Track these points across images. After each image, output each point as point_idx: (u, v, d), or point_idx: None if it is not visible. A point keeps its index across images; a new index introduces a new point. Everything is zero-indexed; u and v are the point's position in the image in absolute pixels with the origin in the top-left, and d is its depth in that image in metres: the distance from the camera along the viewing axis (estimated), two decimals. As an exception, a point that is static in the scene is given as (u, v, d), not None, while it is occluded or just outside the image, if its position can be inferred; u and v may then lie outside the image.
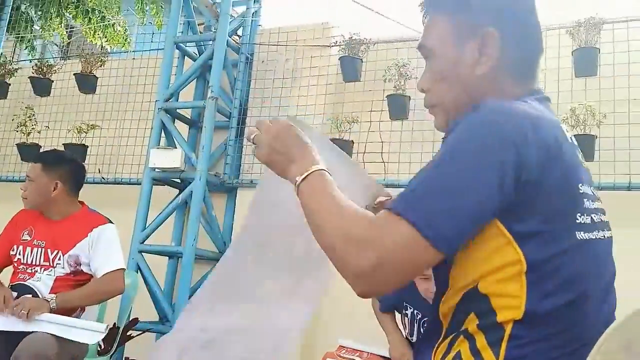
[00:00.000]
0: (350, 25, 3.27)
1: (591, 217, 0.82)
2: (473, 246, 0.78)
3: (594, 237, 0.81)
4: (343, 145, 2.88)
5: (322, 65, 3.30)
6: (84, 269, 2.16)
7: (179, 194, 3.23)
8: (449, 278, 0.83)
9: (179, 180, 3.34)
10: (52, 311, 1.98)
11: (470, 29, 0.87)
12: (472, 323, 0.79)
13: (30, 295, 2.09)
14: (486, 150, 0.74)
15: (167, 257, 3.42)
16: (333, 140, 2.46)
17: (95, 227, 2.20)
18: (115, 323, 2.72)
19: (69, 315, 2.11)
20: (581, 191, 0.81)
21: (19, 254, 2.20)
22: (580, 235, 0.79)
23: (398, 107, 2.99)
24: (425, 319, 1.94)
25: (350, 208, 0.79)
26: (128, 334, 2.80)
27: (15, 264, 2.21)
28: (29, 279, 2.15)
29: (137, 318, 2.84)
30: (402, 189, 0.78)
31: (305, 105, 3.24)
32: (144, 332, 3.00)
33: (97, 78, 3.72)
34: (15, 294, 2.09)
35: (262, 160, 0.93)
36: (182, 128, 3.48)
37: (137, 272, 3.01)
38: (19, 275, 2.18)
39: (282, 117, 2.24)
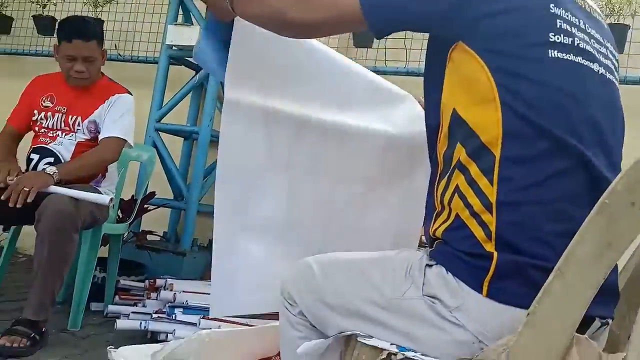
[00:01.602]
0: None
1: (572, 40, 0.83)
2: (450, 73, 0.84)
3: (576, 61, 0.82)
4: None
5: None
6: None
7: (196, 74, 3.19)
8: (440, 115, 0.86)
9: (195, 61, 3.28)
10: (56, 184, 1.98)
11: None
12: (462, 152, 0.82)
13: (52, 159, 2.15)
14: None
15: (183, 139, 3.45)
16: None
17: (113, 95, 2.23)
18: (133, 195, 2.82)
19: (87, 183, 2.18)
20: (552, 12, 0.82)
21: (41, 119, 2.24)
22: (554, 53, 0.81)
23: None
24: None
25: None
26: (145, 207, 2.91)
27: (37, 129, 2.25)
28: (51, 142, 2.20)
29: (154, 192, 2.93)
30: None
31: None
32: (159, 206, 3.11)
33: (114, -51, 3.55)
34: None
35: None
36: (201, 4, 3.35)
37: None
38: (41, 138, 2.23)
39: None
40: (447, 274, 0.78)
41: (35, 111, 2.24)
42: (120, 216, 2.70)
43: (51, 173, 1.99)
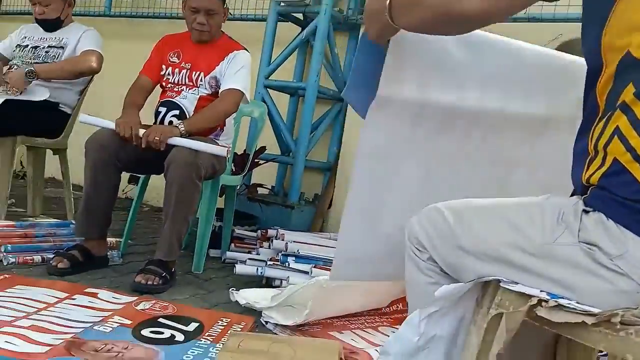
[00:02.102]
0: None
1: None
2: (621, 11, 0.76)
3: None
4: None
5: None
6: None
7: (302, 30, 3.21)
8: (602, 56, 0.79)
9: (301, 18, 3.30)
10: (182, 136, 2.11)
11: None
12: (629, 93, 0.75)
13: (177, 112, 2.29)
14: None
15: (289, 95, 3.52)
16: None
17: (232, 52, 2.34)
18: (245, 150, 2.94)
19: (207, 135, 2.31)
20: None
21: (168, 74, 2.39)
22: None
23: None
24: None
25: None
26: (256, 161, 3.03)
27: (164, 84, 2.40)
28: (177, 96, 2.34)
29: (265, 147, 3.04)
30: None
31: None
32: (268, 161, 3.22)
33: None
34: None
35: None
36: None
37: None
38: (168, 93, 2.38)
39: None
40: (608, 220, 0.74)
41: (164, 66, 2.39)
42: (234, 170, 2.84)
43: (178, 126, 2.13)
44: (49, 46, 2.68)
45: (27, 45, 2.70)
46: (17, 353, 1.30)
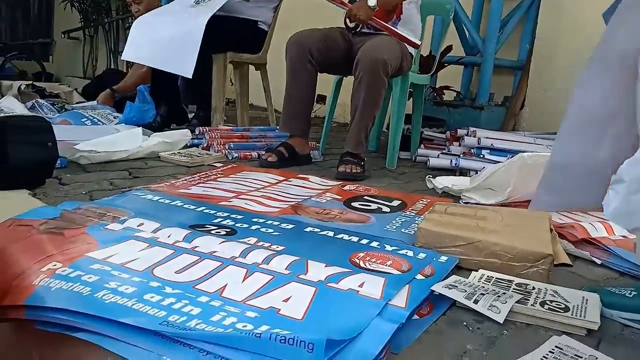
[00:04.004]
0: None
1: None
2: None
3: None
4: None
5: None
6: None
7: None
8: None
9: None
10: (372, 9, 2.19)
11: None
12: None
13: None
14: None
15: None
16: None
17: None
18: (430, 51, 2.91)
19: (386, 21, 2.32)
20: None
21: None
22: None
23: None
24: None
25: None
26: (442, 62, 2.98)
27: None
28: None
29: (452, 45, 2.96)
30: None
31: None
32: (453, 63, 3.15)
33: None
34: None
35: None
36: None
37: None
38: None
39: None
40: None
41: None
42: (419, 72, 2.83)
43: (371, 5, 2.19)
44: None
45: None
46: (254, 211, 1.53)
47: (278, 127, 2.53)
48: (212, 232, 1.27)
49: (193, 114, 3.14)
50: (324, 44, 2.28)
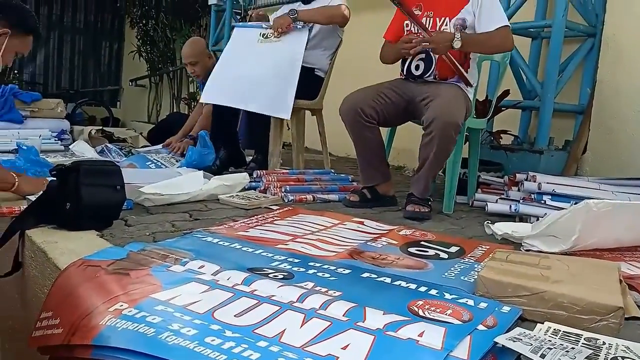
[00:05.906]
0: None
1: None
2: None
3: None
4: None
5: None
6: (468, 31, 2.30)
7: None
8: None
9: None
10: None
11: None
12: None
13: (423, 55, 2.36)
14: None
15: (530, 39, 3.32)
16: None
17: None
18: (487, 95, 2.89)
19: (447, 78, 2.34)
20: None
21: (412, 27, 2.47)
22: None
23: None
24: None
25: None
26: (499, 106, 2.95)
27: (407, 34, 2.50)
28: None
29: (509, 90, 2.93)
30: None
31: None
32: (511, 107, 3.10)
33: None
34: None
35: None
36: None
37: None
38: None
39: None
40: None
41: (406, 22, 2.48)
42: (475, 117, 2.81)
43: (455, 46, 2.21)
44: None
45: None
46: (311, 254, 1.54)
47: (357, 182, 2.60)
48: (270, 275, 1.28)
49: (251, 157, 3.23)
50: (376, 102, 2.34)
